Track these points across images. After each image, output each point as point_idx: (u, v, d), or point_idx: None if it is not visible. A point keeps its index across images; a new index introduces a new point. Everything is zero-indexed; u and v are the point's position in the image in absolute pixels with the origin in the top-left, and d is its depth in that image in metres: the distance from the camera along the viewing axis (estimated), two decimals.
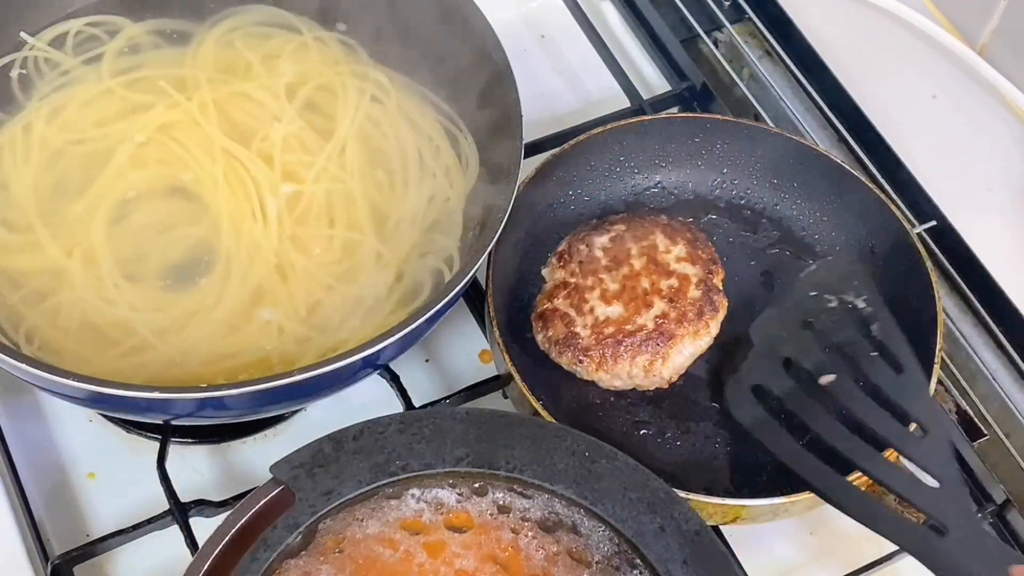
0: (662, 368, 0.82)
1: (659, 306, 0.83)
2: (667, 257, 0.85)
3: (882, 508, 0.72)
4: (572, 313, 0.84)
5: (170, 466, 0.82)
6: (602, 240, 0.86)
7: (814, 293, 0.81)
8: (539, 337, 0.84)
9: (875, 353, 0.76)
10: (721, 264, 0.87)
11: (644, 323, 0.83)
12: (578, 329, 0.83)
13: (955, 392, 0.88)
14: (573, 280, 0.85)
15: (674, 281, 0.84)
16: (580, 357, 0.82)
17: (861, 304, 0.80)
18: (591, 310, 0.84)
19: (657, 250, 0.86)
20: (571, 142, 0.90)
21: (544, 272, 0.87)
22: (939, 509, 0.70)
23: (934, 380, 0.81)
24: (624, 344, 0.82)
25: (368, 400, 0.86)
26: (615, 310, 0.83)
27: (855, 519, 0.72)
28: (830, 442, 0.73)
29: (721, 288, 0.86)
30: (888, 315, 0.79)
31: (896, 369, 0.76)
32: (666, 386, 0.83)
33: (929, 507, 0.70)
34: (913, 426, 0.75)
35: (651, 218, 0.88)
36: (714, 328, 0.84)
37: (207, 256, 0.83)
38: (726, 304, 0.85)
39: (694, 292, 0.84)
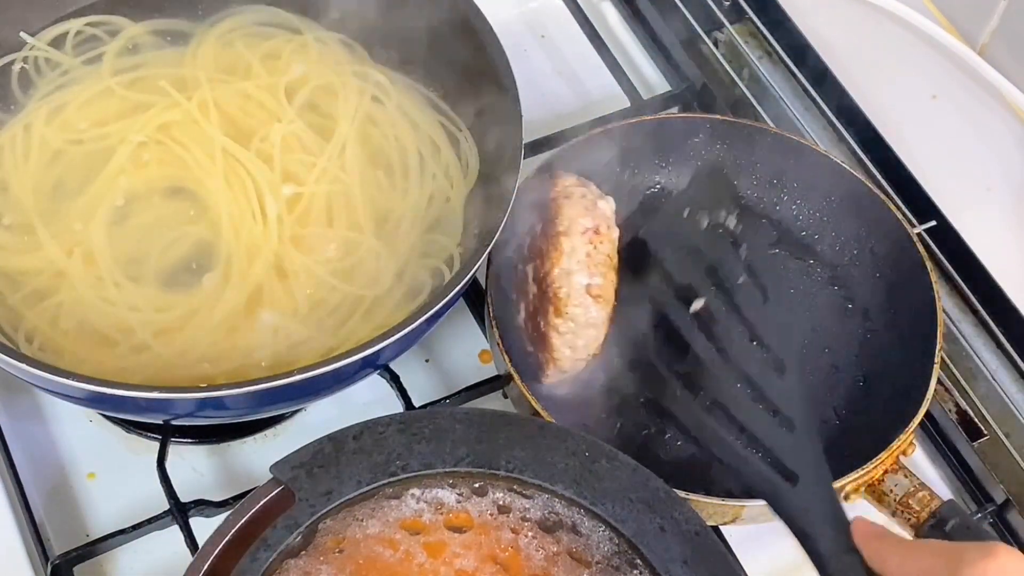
0: (566, 306, 0.78)
1: (530, 269, 0.80)
2: (524, 231, 0.82)
3: (739, 449, 0.71)
4: (524, 345, 0.82)
5: (170, 466, 0.82)
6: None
7: (687, 214, 0.80)
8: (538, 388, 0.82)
9: (742, 279, 0.76)
10: (552, 176, 0.82)
11: (532, 294, 0.80)
12: (530, 349, 0.82)
13: (955, 392, 0.88)
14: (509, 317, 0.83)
15: (527, 239, 0.82)
16: (543, 370, 0.81)
17: (732, 223, 0.79)
18: (522, 330, 0.82)
19: (521, 235, 0.83)
20: (571, 142, 0.90)
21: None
22: (791, 455, 0.69)
23: (934, 380, 0.82)
24: (539, 327, 0.80)
25: (368, 400, 0.86)
26: (523, 311, 0.82)
27: (716, 454, 0.72)
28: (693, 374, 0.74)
29: (559, 191, 0.80)
30: (756, 235, 0.78)
31: (763, 297, 0.75)
32: (608, 308, 0.78)
33: (783, 454, 0.69)
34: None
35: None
36: (568, 227, 0.78)
37: (207, 256, 0.83)
38: (563, 202, 0.79)
39: (536, 227, 0.80)
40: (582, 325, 0.79)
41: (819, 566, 0.66)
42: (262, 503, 0.68)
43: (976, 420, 0.87)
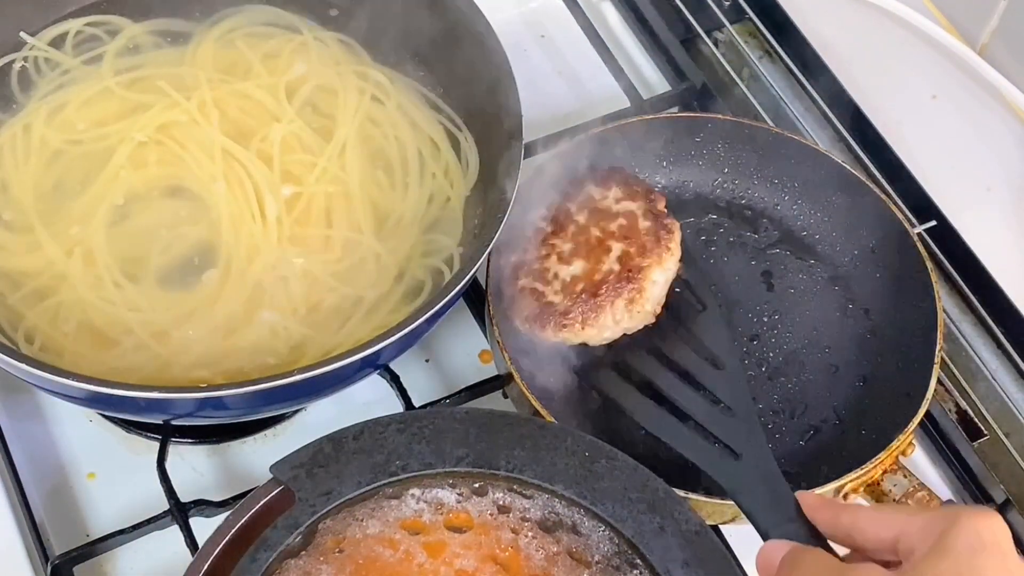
0: (643, 302, 0.81)
1: (617, 246, 0.83)
2: (606, 203, 0.85)
3: (683, 429, 0.77)
4: (538, 286, 0.83)
5: (170, 466, 0.82)
6: (539, 212, 0.86)
7: None
8: (517, 322, 0.83)
9: (679, 290, 0.83)
10: (659, 192, 0.86)
11: (610, 267, 0.82)
12: (550, 297, 0.82)
13: (955, 392, 0.88)
14: (527, 256, 0.84)
15: (621, 220, 0.84)
16: (563, 322, 0.81)
17: None
18: (555, 275, 0.83)
19: (594, 200, 0.85)
20: (571, 142, 0.89)
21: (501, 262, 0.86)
22: (733, 436, 0.75)
23: (934, 380, 0.82)
24: (600, 293, 0.81)
25: (368, 400, 0.86)
26: (578, 266, 0.83)
27: (660, 438, 0.77)
28: (645, 374, 0.80)
29: (667, 211, 0.85)
30: (691, 257, 0.85)
31: (701, 306, 0.83)
32: (653, 320, 0.82)
33: (725, 434, 0.75)
34: None
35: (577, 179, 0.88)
36: (675, 249, 0.83)
37: (206, 256, 0.83)
38: (677, 224, 0.84)
39: (644, 223, 0.83)
40: (632, 323, 0.81)
41: (763, 535, 0.69)
42: (262, 503, 0.68)
43: (976, 420, 0.87)
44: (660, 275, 0.82)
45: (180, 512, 0.80)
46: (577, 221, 0.84)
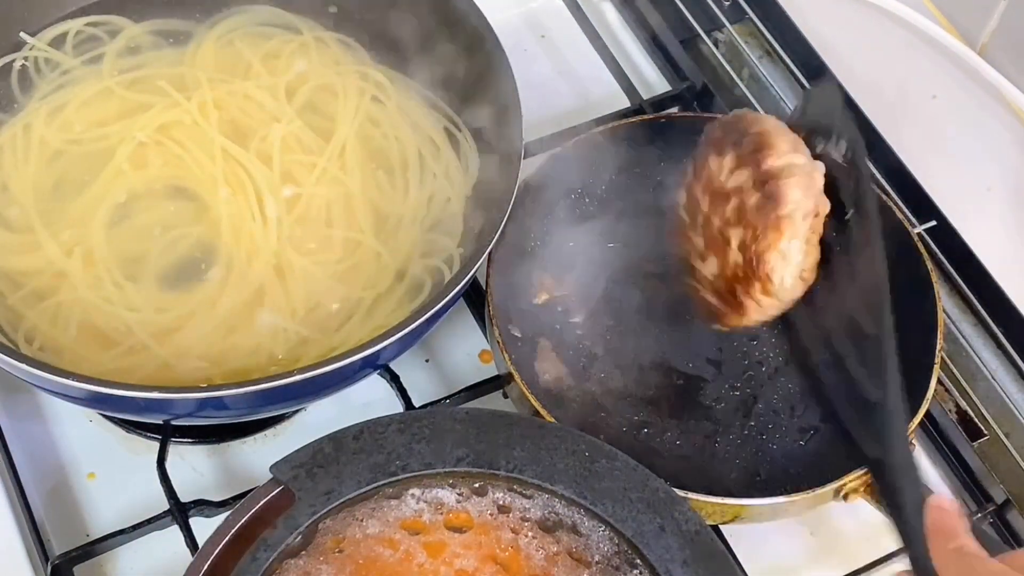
0: (777, 289, 0.77)
1: (735, 235, 0.78)
2: (722, 178, 0.79)
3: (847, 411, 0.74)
4: (695, 283, 0.82)
5: (170, 466, 0.82)
6: (681, 199, 0.83)
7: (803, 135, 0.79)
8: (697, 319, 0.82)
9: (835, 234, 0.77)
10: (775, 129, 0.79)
11: (735, 260, 0.78)
12: (705, 295, 0.81)
13: (955, 392, 0.88)
14: (684, 254, 0.83)
15: (734, 200, 0.78)
16: (719, 322, 0.80)
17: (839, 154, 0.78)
18: (701, 274, 0.81)
19: (712, 177, 0.80)
20: (571, 142, 0.90)
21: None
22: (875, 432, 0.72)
23: (934, 380, 0.81)
24: (735, 290, 0.78)
25: (368, 400, 0.86)
26: (712, 263, 0.80)
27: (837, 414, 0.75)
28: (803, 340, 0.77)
29: (781, 164, 0.76)
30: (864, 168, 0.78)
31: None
32: (808, 286, 0.78)
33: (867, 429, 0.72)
34: None
35: (702, 145, 0.82)
36: (793, 208, 0.75)
37: (206, 256, 0.83)
38: (790, 182, 0.75)
39: (752, 197, 0.77)
40: (784, 301, 0.78)
41: (914, 561, 0.66)
42: (262, 503, 0.68)
43: (976, 420, 0.87)
44: (786, 247, 0.75)
45: (180, 512, 0.80)
46: (702, 208, 0.80)
